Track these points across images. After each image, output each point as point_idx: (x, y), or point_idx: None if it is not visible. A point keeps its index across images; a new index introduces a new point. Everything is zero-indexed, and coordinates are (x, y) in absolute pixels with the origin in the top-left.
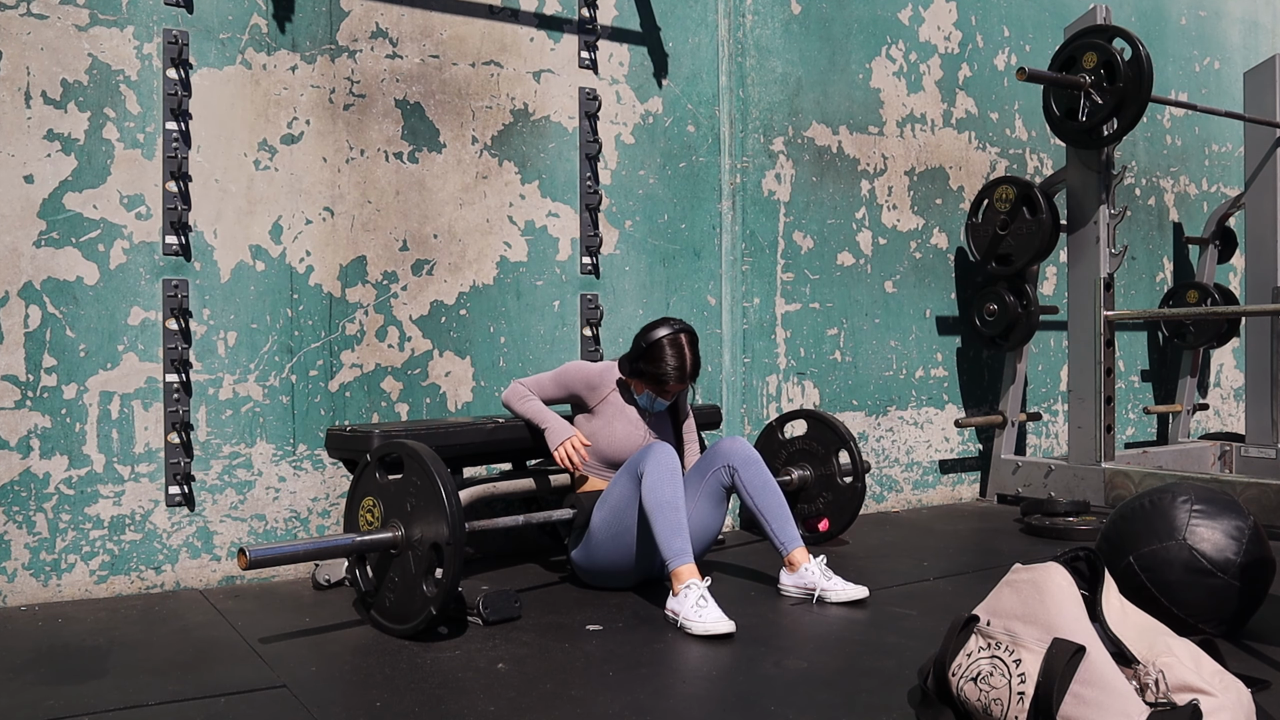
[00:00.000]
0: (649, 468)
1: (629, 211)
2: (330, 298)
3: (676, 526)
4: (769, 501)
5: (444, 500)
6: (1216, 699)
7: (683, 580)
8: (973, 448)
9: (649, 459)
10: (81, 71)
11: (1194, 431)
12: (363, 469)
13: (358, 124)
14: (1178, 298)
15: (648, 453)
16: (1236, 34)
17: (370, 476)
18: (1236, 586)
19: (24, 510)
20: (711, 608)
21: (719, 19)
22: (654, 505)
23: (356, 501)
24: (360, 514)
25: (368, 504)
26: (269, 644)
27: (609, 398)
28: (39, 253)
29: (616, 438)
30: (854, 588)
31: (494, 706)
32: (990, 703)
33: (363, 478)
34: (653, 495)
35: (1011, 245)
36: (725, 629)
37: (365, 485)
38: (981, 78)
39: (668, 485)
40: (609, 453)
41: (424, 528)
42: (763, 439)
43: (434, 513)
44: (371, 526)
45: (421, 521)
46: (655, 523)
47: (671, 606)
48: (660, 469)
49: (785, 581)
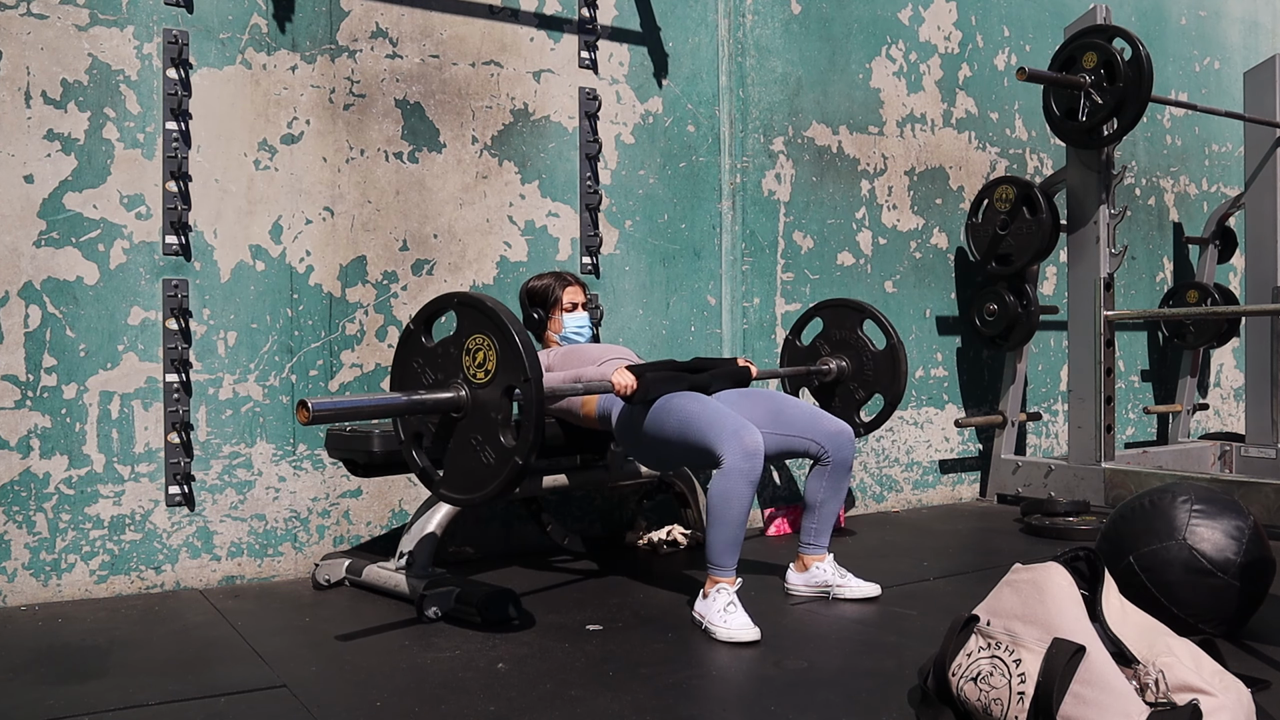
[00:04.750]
0: (729, 463)
1: (629, 211)
2: (330, 298)
3: (734, 543)
4: (831, 507)
5: (516, 340)
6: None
7: (715, 584)
8: (973, 448)
9: (733, 448)
10: (81, 71)
11: (1194, 431)
12: (406, 338)
13: (358, 124)
14: (1178, 298)
15: (735, 439)
16: (1236, 34)
17: (416, 344)
18: (1236, 586)
19: (24, 510)
20: (739, 614)
21: (719, 19)
22: (719, 514)
23: (403, 369)
24: (408, 388)
25: (415, 368)
26: (269, 644)
27: (557, 352)
28: (39, 253)
29: (584, 351)
30: (867, 585)
31: (494, 706)
32: (990, 703)
33: (407, 347)
34: (722, 503)
35: (1011, 245)
36: (750, 636)
37: (411, 355)
38: (981, 78)
39: (739, 497)
40: (592, 356)
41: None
42: (785, 353)
43: (503, 354)
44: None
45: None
46: (713, 528)
47: (699, 608)
48: (739, 475)
49: (795, 581)
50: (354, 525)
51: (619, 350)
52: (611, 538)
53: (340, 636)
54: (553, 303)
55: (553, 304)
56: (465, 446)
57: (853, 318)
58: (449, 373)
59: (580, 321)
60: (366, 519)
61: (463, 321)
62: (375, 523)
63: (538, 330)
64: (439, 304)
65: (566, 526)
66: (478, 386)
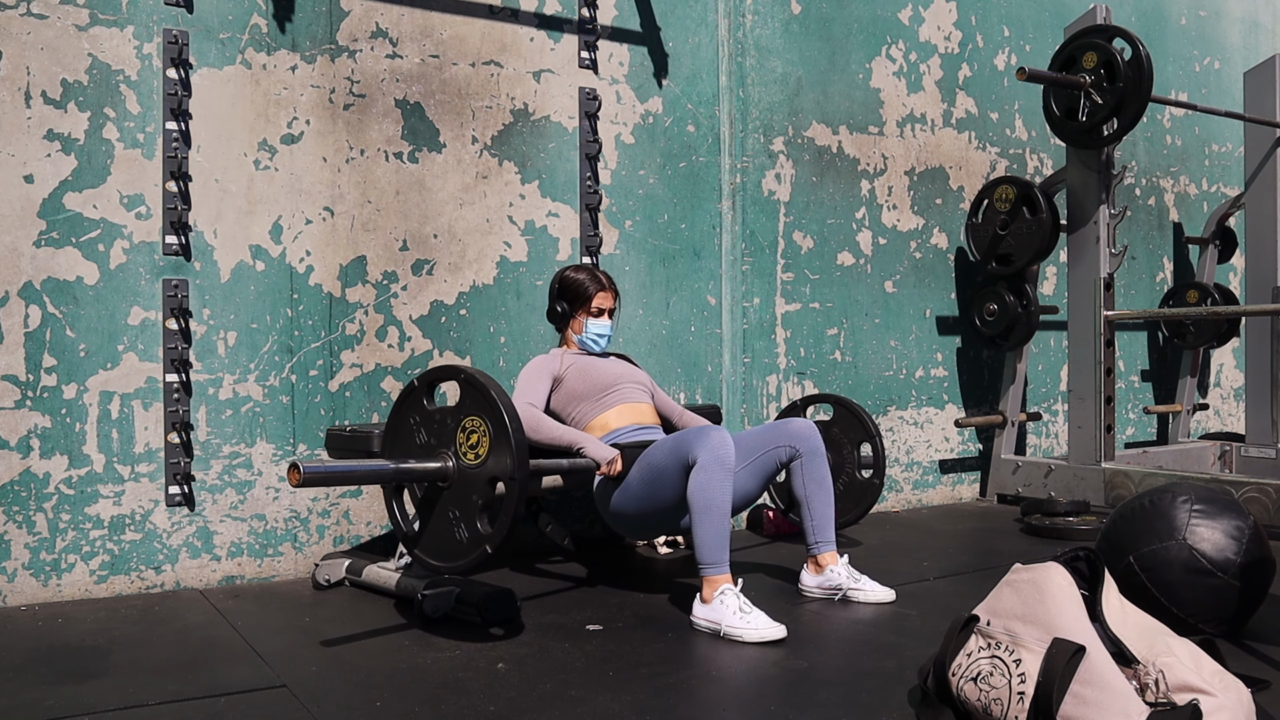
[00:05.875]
0: (704, 458)
1: (629, 211)
2: (330, 298)
3: (721, 535)
4: (821, 499)
5: (509, 430)
6: (1216, 699)
7: (716, 587)
8: (973, 448)
9: (704, 445)
10: (81, 71)
11: (1194, 431)
12: (408, 394)
13: (358, 124)
14: (1178, 298)
15: (703, 437)
16: (1236, 34)
17: (416, 403)
18: (1236, 586)
19: (24, 510)
20: (757, 614)
21: (719, 19)
22: (702, 506)
23: (398, 427)
24: (400, 440)
25: (410, 424)
26: (269, 644)
27: (570, 362)
28: (39, 253)
29: (593, 374)
30: (883, 590)
31: (494, 706)
32: (990, 703)
33: (407, 403)
34: (702, 495)
35: (1011, 245)
36: (780, 634)
37: (409, 411)
38: (981, 78)
39: (719, 487)
40: (598, 386)
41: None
42: (783, 416)
43: (495, 444)
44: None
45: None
46: (699, 524)
47: (704, 615)
48: (715, 464)
49: (808, 582)
50: (354, 525)
51: (630, 376)
52: (611, 538)
53: (340, 636)
54: (583, 302)
55: (582, 303)
56: (443, 516)
57: (858, 432)
58: (442, 441)
59: (602, 329)
60: (366, 519)
61: (464, 399)
62: (375, 523)
63: (559, 323)
64: (446, 373)
65: (566, 527)
66: (466, 465)
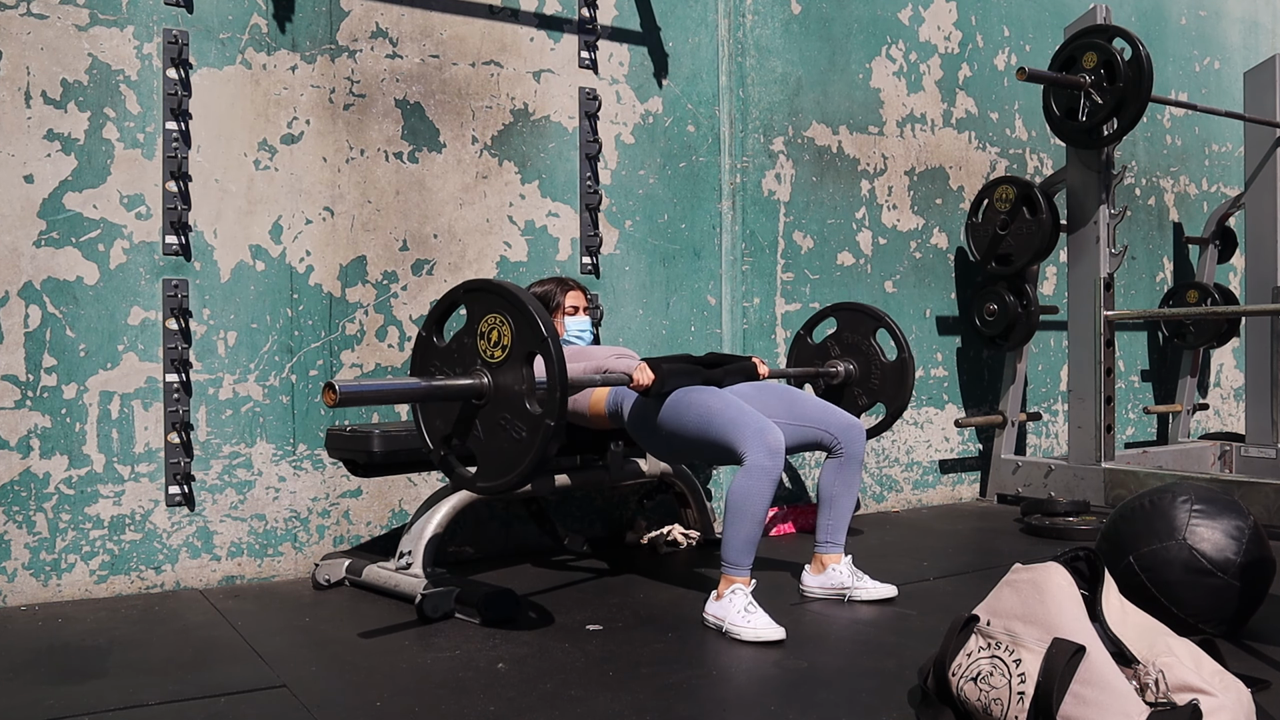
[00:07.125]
0: (752, 463)
1: (629, 211)
2: (330, 298)
3: (751, 542)
4: (845, 502)
5: (528, 307)
6: (1216, 699)
7: (730, 585)
8: (973, 448)
9: (757, 448)
10: (81, 71)
11: (1194, 431)
12: (419, 342)
13: (358, 124)
14: (1178, 298)
15: (759, 439)
16: (1236, 34)
17: (429, 346)
18: (1236, 586)
19: (24, 510)
20: (760, 614)
21: (719, 19)
22: (739, 509)
23: (421, 375)
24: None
25: (432, 370)
26: (269, 644)
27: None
28: (39, 253)
29: (590, 350)
30: (883, 586)
31: (494, 706)
32: (990, 702)
33: (421, 355)
34: (744, 500)
35: (1011, 245)
36: (777, 635)
37: (425, 356)
38: (981, 78)
39: (761, 496)
40: (600, 354)
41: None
42: (794, 349)
43: (517, 325)
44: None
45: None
46: (732, 524)
47: (713, 611)
48: (762, 474)
49: (810, 583)
50: (354, 525)
51: (622, 351)
52: (611, 538)
53: (340, 637)
54: (554, 307)
55: (554, 309)
56: (495, 430)
57: (867, 324)
58: (466, 364)
59: (582, 325)
60: (366, 519)
61: (473, 308)
62: (375, 523)
63: None
64: (447, 301)
65: (567, 527)
66: (497, 366)
